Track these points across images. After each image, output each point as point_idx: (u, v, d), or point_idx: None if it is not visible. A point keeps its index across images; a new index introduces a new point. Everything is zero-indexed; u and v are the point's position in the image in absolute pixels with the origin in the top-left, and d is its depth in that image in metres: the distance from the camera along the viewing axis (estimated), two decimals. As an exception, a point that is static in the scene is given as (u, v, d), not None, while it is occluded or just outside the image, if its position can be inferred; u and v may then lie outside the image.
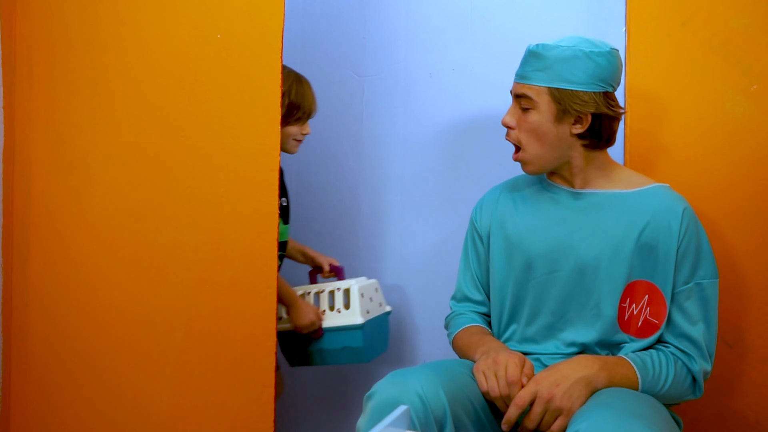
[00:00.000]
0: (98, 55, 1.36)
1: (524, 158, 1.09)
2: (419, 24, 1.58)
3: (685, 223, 1.03)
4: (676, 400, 1.06)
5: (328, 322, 1.42)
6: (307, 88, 1.45)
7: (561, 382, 0.94)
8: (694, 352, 1.04)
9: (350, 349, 1.40)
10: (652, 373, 1.01)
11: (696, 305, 1.04)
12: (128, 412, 1.35)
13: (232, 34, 1.30)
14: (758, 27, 1.18)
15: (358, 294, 1.40)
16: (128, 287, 1.35)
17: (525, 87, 1.06)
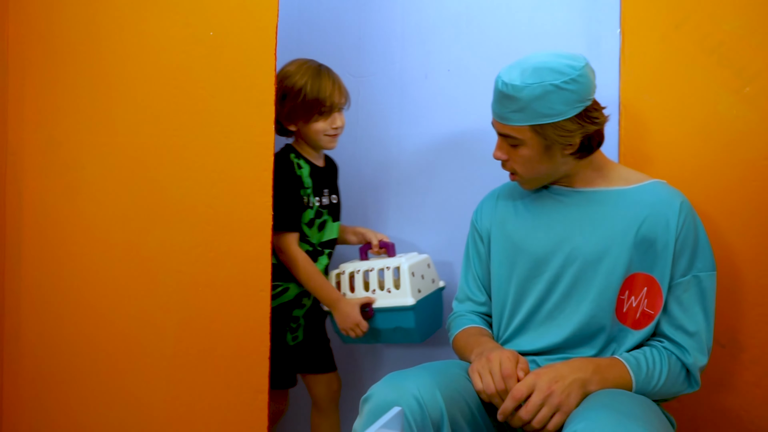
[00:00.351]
0: (91, 54, 1.35)
1: (521, 180, 1.14)
2: (415, 25, 1.58)
3: (682, 216, 1.04)
4: (673, 395, 1.06)
5: (379, 302, 1.35)
6: (325, 80, 1.38)
7: (560, 379, 0.95)
8: (689, 345, 1.04)
9: (402, 330, 1.34)
10: (645, 370, 1.01)
11: (693, 297, 1.04)
12: (120, 416, 1.34)
13: (225, 32, 1.28)
14: (751, 29, 1.18)
15: (409, 273, 1.32)
16: (121, 289, 1.34)
17: (507, 128, 1.07)
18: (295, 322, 1.43)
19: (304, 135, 1.41)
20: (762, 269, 1.18)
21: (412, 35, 1.58)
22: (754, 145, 1.19)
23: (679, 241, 1.04)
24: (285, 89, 1.37)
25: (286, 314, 1.41)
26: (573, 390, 0.95)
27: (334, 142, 1.41)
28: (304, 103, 1.35)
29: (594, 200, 1.10)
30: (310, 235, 1.41)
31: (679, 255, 1.04)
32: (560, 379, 0.95)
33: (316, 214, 1.41)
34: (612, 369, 1.00)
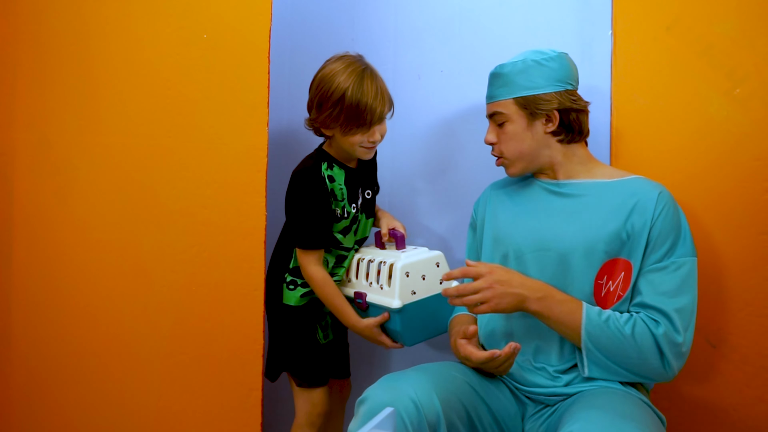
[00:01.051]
0: (83, 54, 1.35)
1: (505, 162, 1.19)
2: (408, 26, 1.59)
3: (661, 204, 1.06)
4: (644, 374, 1.02)
5: (371, 296, 1.27)
6: (368, 87, 1.22)
7: (505, 284, 1.02)
8: (662, 319, 1.01)
9: (390, 330, 1.27)
10: (603, 322, 1.01)
11: (671, 281, 1.03)
12: (114, 416, 1.34)
13: (218, 34, 1.29)
14: (742, 31, 1.19)
15: (401, 273, 1.22)
16: (114, 289, 1.34)
17: (494, 105, 1.17)
18: (325, 320, 1.38)
19: (340, 142, 1.28)
20: (752, 269, 1.19)
21: (404, 36, 1.58)
22: (744, 147, 1.19)
23: (656, 227, 1.05)
24: (323, 92, 1.23)
25: (317, 311, 1.36)
26: (509, 298, 1.02)
27: (370, 153, 1.30)
28: (343, 112, 1.22)
29: (576, 192, 1.14)
30: (345, 241, 1.34)
31: (658, 241, 1.04)
32: (505, 284, 1.02)
33: (351, 220, 1.33)
34: (564, 304, 1.03)
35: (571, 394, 1.04)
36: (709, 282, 1.21)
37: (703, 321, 1.22)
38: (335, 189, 1.29)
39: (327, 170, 1.29)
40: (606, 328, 1.01)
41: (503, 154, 1.18)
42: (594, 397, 0.94)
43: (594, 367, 1.03)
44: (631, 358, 1.00)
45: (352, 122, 1.22)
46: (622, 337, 1.00)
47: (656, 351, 1.01)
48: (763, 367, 1.18)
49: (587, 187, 1.13)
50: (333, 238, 1.32)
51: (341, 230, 1.32)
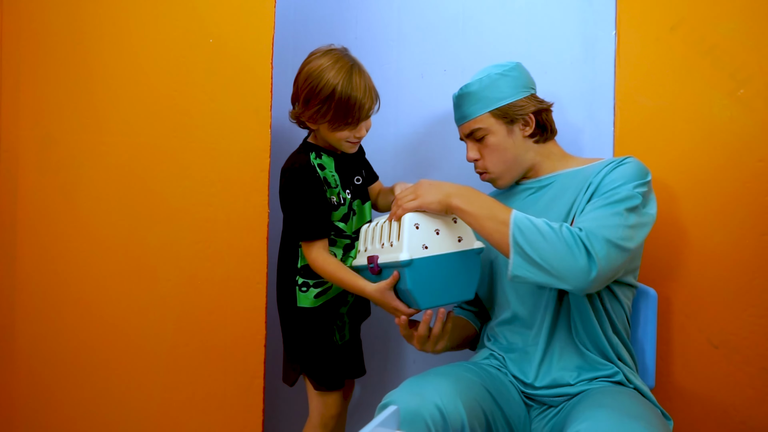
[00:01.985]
0: (89, 55, 1.35)
1: (492, 177, 1.23)
2: (411, 25, 1.59)
3: (621, 159, 1.09)
4: (567, 266, 0.95)
5: (382, 257, 1.15)
6: (357, 84, 1.20)
7: (434, 184, 1.09)
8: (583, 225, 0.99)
9: (403, 291, 1.13)
10: (529, 221, 0.99)
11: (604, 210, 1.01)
12: (121, 406, 1.35)
13: (223, 39, 1.32)
14: (745, 32, 1.19)
15: (410, 224, 1.10)
16: (119, 285, 1.35)
17: (471, 122, 1.21)
18: (341, 320, 1.34)
19: (324, 135, 1.27)
20: (755, 270, 1.19)
21: (408, 35, 1.58)
22: (748, 147, 1.19)
23: (607, 174, 1.06)
24: (311, 87, 1.20)
25: (333, 312, 1.32)
26: (435, 191, 1.08)
27: (354, 148, 1.29)
28: (332, 109, 1.20)
29: (555, 180, 1.18)
30: (347, 228, 1.30)
31: (605, 182, 1.05)
32: (434, 184, 1.09)
33: (349, 207, 1.30)
34: (489, 201, 1.05)
35: (575, 394, 1.04)
36: (712, 282, 1.21)
37: (705, 321, 1.22)
38: (327, 176, 1.26)
39: (316, 159, 1.27)
40: (534, 222, 0.99)
41: (488, 169, 1.22)
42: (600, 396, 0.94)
43: (520, 261, 0.97)
44: (557, 251, 0.95)
45: (340, 119, 1.20)
46: (550, 230, 0.97)
47: (577, 241, 0.96)
48: (765, 368, 1.18)
49: (566, 176, 1.17)
50: (334, 227, 1.28)
51: (341, 218, 1.28)
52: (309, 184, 1.24)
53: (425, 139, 1.59)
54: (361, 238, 1.26)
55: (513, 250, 0.98)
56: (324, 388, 1.31)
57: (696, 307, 1.22)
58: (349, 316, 1.36)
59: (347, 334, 1.35)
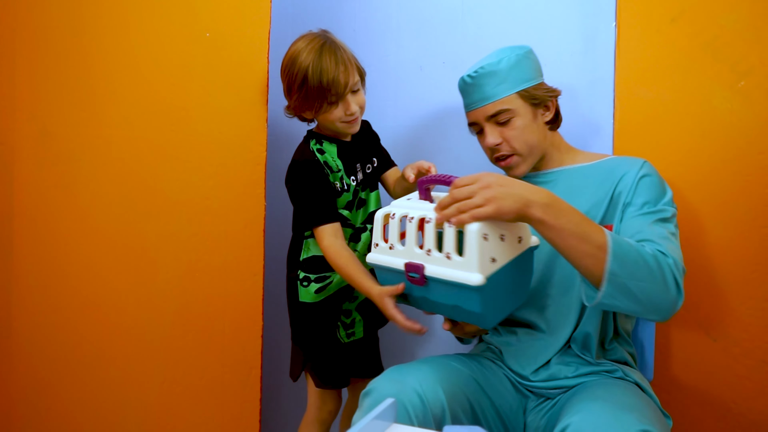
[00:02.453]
0: (86, 48, 1.35)
1: (517, 161, 1.15)
2: (410, 17, 1.58)
3: (644, 169, 1.08)
4: (658, 297, 0.90)
5: (432, 268, 0.93)
6: (327, 62, 1.16)
7: (505, 184, 0.86)
8: (665, 248, 0.94)
9: (464, 311, 0.95)
10: (626, 245, 0.88)
11: (663, 224, 0.99)
12: (118, 398, 1.36)
13: (220, 32, 1.32)
14: (746, 24, 1.18)
15: (479, 237, 0.88)
16: (118, 278, 1.35)
17: (496, 103, 1.12)
18: (348, 316, 1.30)
19: (322, 123, 1.26)
20: (754, 263, 1.18)
21: (407, 27, 1.57)
22: (748, 140, 1.19)
23: (641, 184, 1.05)
24: (288, 77, 1.20)
25: (335, 307, 1.29)
26: (512, 200, 0.85)
27: (353, 126, 1.24)
28: (308, 94, 1.18)
29: (561, 178, 1.15)
30: (352, 218, 1.27)
31: (638, 194, 1.04)
32: (505, 184, 0.86)
33: (353, 194, 1.27)
34: (574, 214, 0.88)
35: (572, 386, 1.04)
36: (711, 275, 1.21)
37: (704, 314, 1.22)
38: (328, 161, 1.24)
39: (315, 145, 1.26)
40: (632, 248, 0.87)
41: (517, 150, 1.13)
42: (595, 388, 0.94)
43: (612, 291, 0.87)
44: (655, 283, 0.88)
45: (320, 100, 1.18)
46: (648, 258, 0.88)
47: (669, 277, 0.90)
48: (763, 361, 1.18)
49: (572, 172, 1.15)
50: (339, 214, 1.24)
51: (345, 205, 1.25)
52: (310, 169, 1.22)
53: (424, 131, 1.58)
54: (377, 227, 1.03)
55: (607, 280, 0.86)
56: (323, 385, 1.29)
57: (695, 300, 1.22)
58: (363, 314, 1.31)
59: (358, 333, 1.31)
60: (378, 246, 1.02)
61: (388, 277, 1.03)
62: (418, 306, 1.04)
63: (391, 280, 1.03)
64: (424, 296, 0.99)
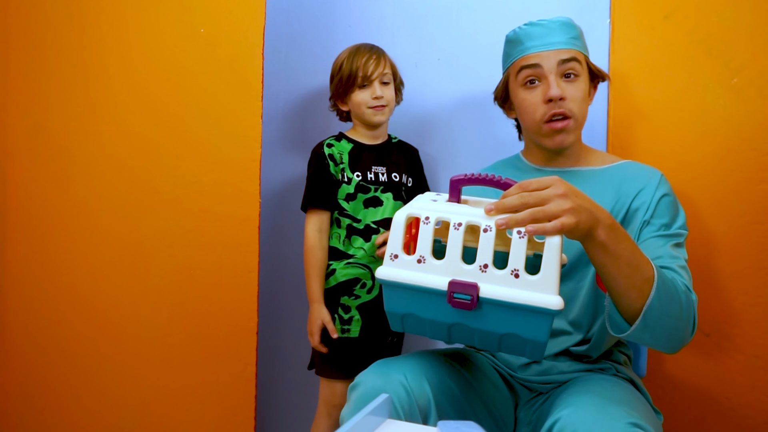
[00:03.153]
0: (80, 44, 1.34)
1: (573, 126, 1.05)
2: (405, 13, 1.57)
3: (663, 187, 1.04)
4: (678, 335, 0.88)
5: (493, 289, 0.77)
6: (361, 53, 1.36)
7: (580, 195, 0.78)
8: (688, 280, 0.94)
9: (519, 341, 0.80)
10: (668, 281, 0.86)
11: (676, 249, 0.99)
12: (114, 395, 1.36)
13: (215, 29, 1.32)
14: (739, 21, 1.19)
15: (558, 253, 0.76)
16: (112, 274, 1.35)
17: (572, 52, 1.04)
18: (347, 312, 1.33)
19: (353, 112, 1.40)
20: (747, 259, 1.19)
21: (402, 24, 1.57)
22: (740, 136, 1.20)
23: (661, 203, 1.02)
24: (332, 71, 1.39)
25: (333, 300, 1.34)
26: (586, 215, 0.76)
27: (379, 115, 1.36)
28: (342, 78, 1.36)
29: (573, 180, 1.09)
30: (352, 210, 1.35)
31: (657, 215, 1.02)
32: (579, 196, 0.78)
33: (358, 188, 1.35)
34: (630, 240, 0.82)
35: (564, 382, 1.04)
36: (704, 271, 1.22)
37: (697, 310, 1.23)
38: (333, 153, 1.36)
39: (330, 140, 1.39)
40: (669, 278, 0.84)
41: (574, 112, 1.03)
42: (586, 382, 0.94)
43: (643, 327, 0.83)
44: (680, 317, 0.86)
45: (349, 83, 1.34)
46: (678, 291, 0.85)
47: (692, 317, 0.88)
48: (755, 356, 1.19)
49: (585, 175, 1.11)
50: (338, 205, 1.35)
51: (345, 197, 1.35)
52: (314, 160, 1.37)
53: (419, 128, 1.58)
54: (396, 234, 0.81)
55: (644, 314, 0.82)
56: (319, 373, 1.34)
57: (687, 296, 1.23)
58: (363, 315, 1.33)
59: (353, 332, 1.33)
60: (397, 258, 0.81)
61: (405, 299, 0.82)
62: (437, 335, 0.86)
63: (411, 303, 0.82)
64: (461, 322, 0.81)
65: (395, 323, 0.86)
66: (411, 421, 0.84)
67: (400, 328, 0.87)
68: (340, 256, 1.35)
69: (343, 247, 1.35)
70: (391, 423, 0.77)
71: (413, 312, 0.83)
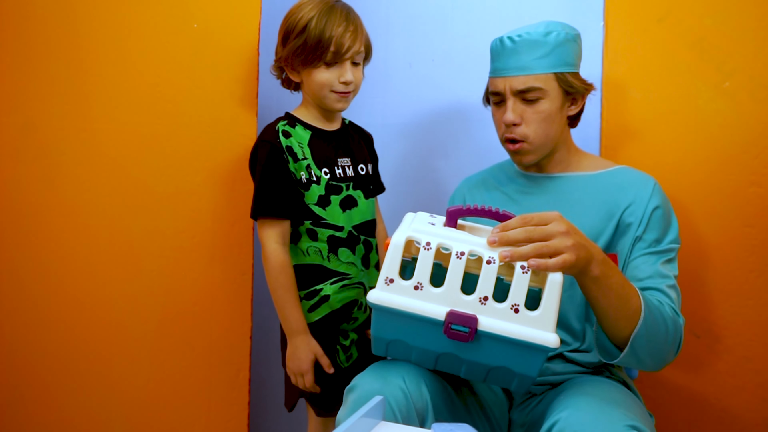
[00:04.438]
0: (71, 40, 1.33)
1: (527, 149, 1.06)
2: (399, 14, 1.57)
3: (656, 198, 1.04)
4: (661, 359, 0.93)
5: (491, 323, 0.77)
6: (336, 17, 1.08)
7: (578, 233, 0.81)
8: (675, 301, 0.97)
9: (508, 374, 0.82)
10: (654, 310, 0.89)
11: (666, 266, 1.00)
12: (104, 399, 1.34)
13: (209, 23, 1.30)
14: (732, 25, 1.20)
15: (559, 288, 0.77)
16: (102, 275, 1.33)
17: (531, 78, 1.02)
18: (346, 338, 1.16)
19: (308, 89, 1.14)
20: (737, 261, 1.20)
21: (396, 24, 1.57)
22: (732, 139, 1.20)
23: (652, 218, 1.02)
24: (288, 25, 1.11)
25: (333, 329, 1.14)
26: (585, 252, 0.79)
27: (342, 102, 1.13)
28: (306, 43, 1.07)
29: (566, 187, 1.10)
30: (329, 216, 1.12)
31: (649, 229, 1.02)
32: (578, 233, 0.81)
33: (329, 188, 1.13)
34: (620, 273, 0.86)
35: (558, 383, 1.05)
36: (695, 273, 1.22)
37: (688, 312, 1.23)
38: (292, 146, 1.11)
39: (285, 126, 1.13)
40: (655, 307, 0.88)
41: (528, 138, 1.04)
42: (582, 385, 0.94)
43: (630, 353, 0.88)
44: (665, 350, 0.91)
45: (315, 55, 1.07)
46: (665, 318, 0.89)
47: (677, 340, 0.93)
48: (745, 357, 1.20)
49: (576, 181, 1.10)
50: (309, 213, 1.11)
51: (318, 201, 1.11)
52: (266, 150, 1.09)
53: (413, 129, 1.58)
54: (393, 258, 0.80)
55: (631, 342, 0.86)
56: (325, 413, 1.15)
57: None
58: (358, 331, 1.19)
59: (354, 352, 1.18)
60: (393, 282, 0.79)
61: (396, 325, 0.81)
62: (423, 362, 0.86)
63: (402, 330, 0.81)
64: (453, 353, 0.82)
65: (379, 348, 0.87)
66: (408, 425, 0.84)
67: (384, 352, 0.87)
68: (327, 275, 1.12)
69: (330, 264, 1.12)
70: (386, 425, 0.76)
71: (402, 339, 0.83)
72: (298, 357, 1.09)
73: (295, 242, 1.14)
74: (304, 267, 1.14)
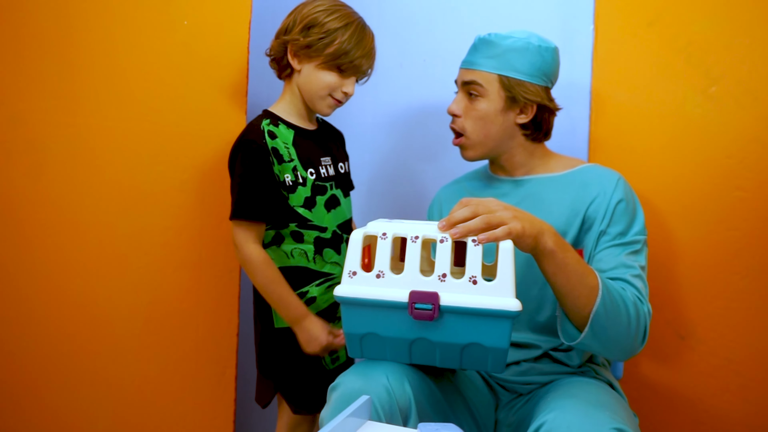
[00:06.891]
0: (60, 34, 1.31)
1: (466, 144, 1.11)
2: (391, 14, 1.57)
3: (619, 192, 1.04)
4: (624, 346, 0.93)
5: (453, 297, 0.80)
6: (367, 41, 1.13)
7: (519, 210, 0.85)
8: (641, 290, 0.97)
9: (481, 350, 0.83)
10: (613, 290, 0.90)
11: (631, 257, 1.01)
12: (89, 396, 1.33)
13: (198, 20, 1.29)
14: (719, 31, 1.21)
15: (512, 255, 0.80)
16: (89, 271, 1.32)
17: (475, 73, 1.08)
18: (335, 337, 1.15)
19: (302, 84, 1.13)
20: (721, 264, 1.22)
21: (387, 25, 1.57)
22: (717, 144, 1.22)
23: (617, 210, 1.03)
24: (311, 21, 1.11)
25: None
26: (531, 223, 0.83)
27: (331, 109, 1.15)
28: (328, 47, 1.09)
29: (534, 188, 1.11)
30: (315, 218, 1.13)
31: (613, 222, 1.03)
32: (521, 211, 0.85)
33: (315, 189, 1.13)
34: (573, 250, 0.88)
35: (544, 383, 1.05)
36: (679, 275, 1.24)
37: (673, 313, 1.25)
38: (278, 147, 1.10)
39: (269, 126, 1.12)
40: (614, 288, 0.90)
41: (466, 132, 1.10)
42: (569, 386, 0.95)
43: (591, 335, 0.89)
44: (629, 333, 0.91)
45: (333, 62, 1.09)
46: (625, 301, 0.90)
47: (642, 327, 0.93)
48: (728, 359, 1.21)
49: (542, 183, 1.11)
50: (295, 215, 1.11)
51: (304, 203, 1.11)
52: (251, 150, 1.08)
53: (403, 129, 1.59)
54: (353, 252, 0.84)
55: (591, 322, 0.88)
56: (304, 411, 1.16)
57: (664, 299, 1.25)
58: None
59: (343, 356, 1.19)
60: (356, 275, 0.83)
61: (365, 317, 0.84)
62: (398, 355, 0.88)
63: (371, 321, 0.84)
64: (423, 337, 0.84)
65: (353, 347, 0.89)
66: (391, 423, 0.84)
67: (359, 352, 0.89)
68: (313, 277, 1.13)
69: (316, 266, 1.13)
70: (372, 425, 0.77)
71: (373, 331, 0.85)
72: (315, 337, 1.10)
73: (278, 245, 1.14)
74: (289, 270, 1.14)
